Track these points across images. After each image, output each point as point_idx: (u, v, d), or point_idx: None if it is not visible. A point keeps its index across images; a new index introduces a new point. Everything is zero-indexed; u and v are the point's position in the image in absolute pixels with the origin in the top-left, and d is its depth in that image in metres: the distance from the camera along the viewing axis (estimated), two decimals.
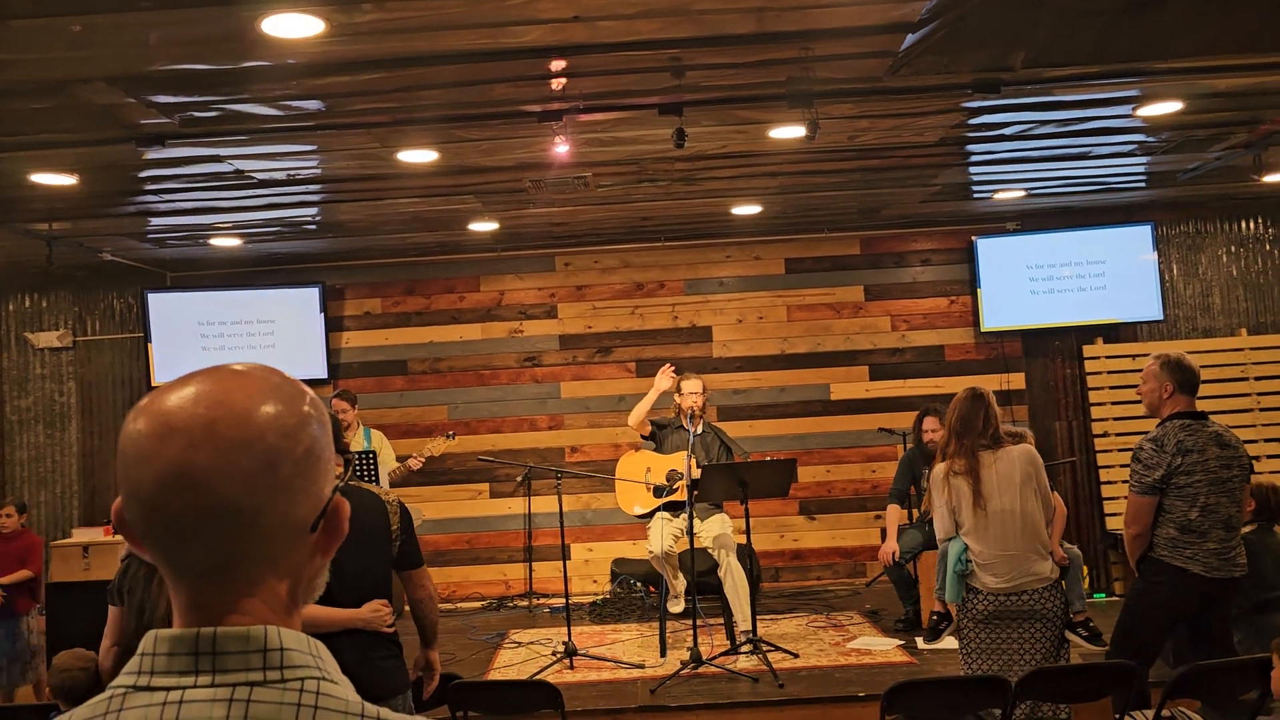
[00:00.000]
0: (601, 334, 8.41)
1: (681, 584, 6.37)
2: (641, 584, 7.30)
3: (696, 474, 5.76)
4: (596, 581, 8.14)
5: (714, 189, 6.67)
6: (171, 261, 8.16)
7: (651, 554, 6.14)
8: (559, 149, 4.86)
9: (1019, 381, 8.24)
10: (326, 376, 8.17)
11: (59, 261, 6.92)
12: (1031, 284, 8.04)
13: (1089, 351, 7.94)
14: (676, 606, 6.40)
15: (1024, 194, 7.39)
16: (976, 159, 6.30)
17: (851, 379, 8.34)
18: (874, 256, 8.43)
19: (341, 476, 1.04)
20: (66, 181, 5.39)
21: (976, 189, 7.22)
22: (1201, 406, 4.34)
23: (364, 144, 5.08)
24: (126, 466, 0.90)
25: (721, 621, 6.28)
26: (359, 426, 7.19)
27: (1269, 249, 8.32)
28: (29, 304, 8.44)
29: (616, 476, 6.48)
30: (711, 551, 6.05)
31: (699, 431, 6.14)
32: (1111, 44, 4.14)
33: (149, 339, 8.01)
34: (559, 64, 4.14)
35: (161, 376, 7.91)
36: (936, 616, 4.36)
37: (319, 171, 5.66)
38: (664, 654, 6.01)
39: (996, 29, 3.96)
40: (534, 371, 8.40)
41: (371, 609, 3.14)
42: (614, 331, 8.41)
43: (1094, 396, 7.87)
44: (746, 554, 6.00)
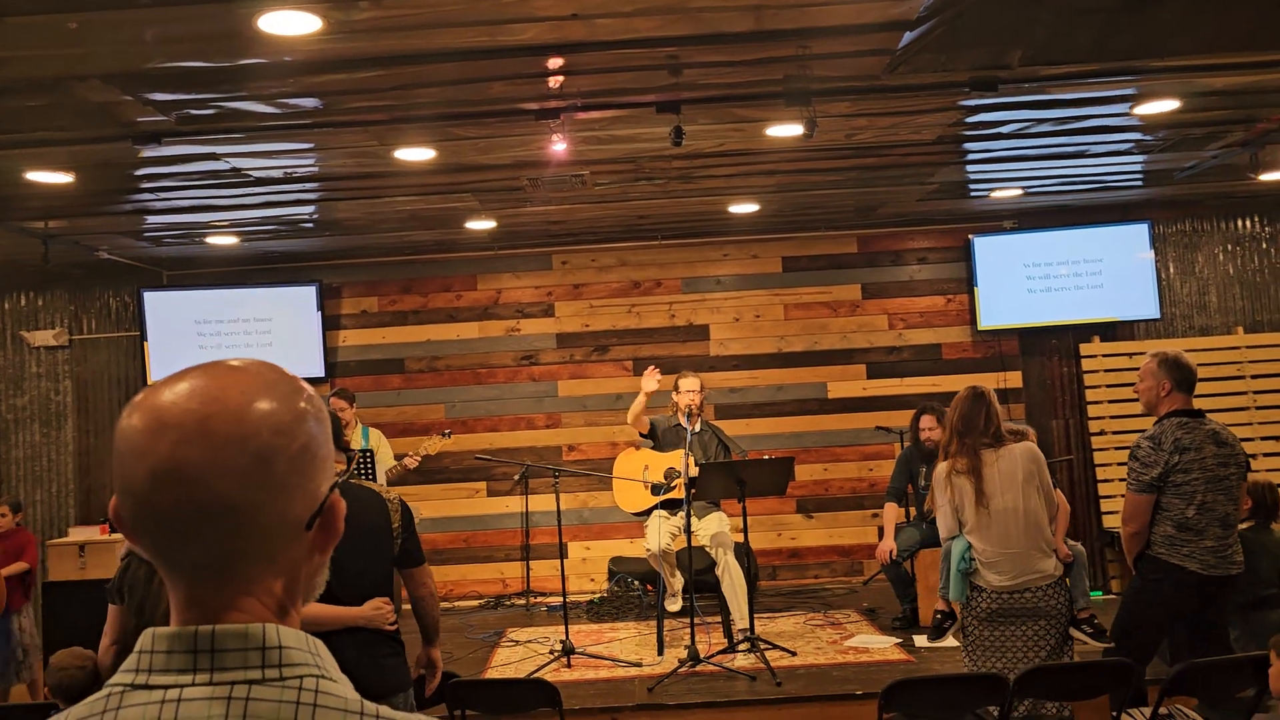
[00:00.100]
0: (599, 332, 8.40)
1: (679, 582, 6.37)
2: (639, 582, 7.30)
3: (694, 472, 5.76)
4: (594, 580, 8.13)
5: (711, 187, 6.66)
6: (168, 260, 8.14)
7: (649, 552, 6.13)
8: (556, 147, 4.86)
9: (1016, 380, 8.24)
10: (323, 375, 8.16)
11: (55, 260, 6.90)
12: (1028, 282, 8.04)
13: (1086, 350, 7.94)
14: (674, 605, 6.40)
15: (1021, 192, 7.39)
16: (973, 157, 6.30)
17: (848, 377, 8.34)
18: (871, 255, 8.43)
19: (342, 473, 1.03)
20: (62, 179, 5.38)
21: (973, 187, 7.22)
22: (1198, 404, 4.34)
23: (361, 142, 5.07)
24: (121, 462, 0.90)
25: (719, 620, 6.28)
26: (357, 425, 7.18)
27: (1265, 247, 8.33)
28: (25, 302, 8.42)
29: (614, 475, 6.47)
30: (709, 550, 6.05)
31: (697, 430, 6.14)
32: (1110, 42, 4.14)
33: (145, 337, 7.99)
34: (556, 62, 4.13)
35: (157, 375, 7.88)
36: (941, 615, 4.35)
37: (316, 169, 5.65)
38: (661, 652, 6.01)
39: (994, 27, 3.96)
40: (531, 370, 8.39)
41: (373, 607, 3.14)
42: (611, 330, 8.40)
43: (1091, 395, 7.87)
44: (744, 552, 6.00)
